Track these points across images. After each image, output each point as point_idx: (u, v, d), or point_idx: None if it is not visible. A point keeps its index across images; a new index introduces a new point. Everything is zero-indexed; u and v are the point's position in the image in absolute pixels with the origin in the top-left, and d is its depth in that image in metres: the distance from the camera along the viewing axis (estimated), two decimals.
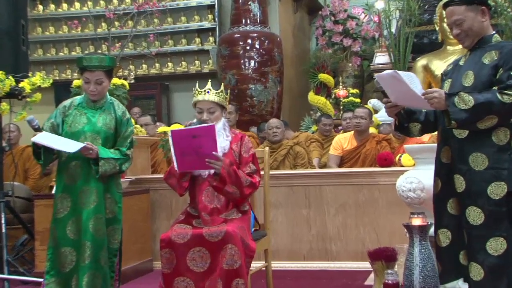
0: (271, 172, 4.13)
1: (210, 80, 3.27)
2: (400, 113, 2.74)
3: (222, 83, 3.32)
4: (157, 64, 9.08)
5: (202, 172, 3.13)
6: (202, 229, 3.01)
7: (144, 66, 9.12)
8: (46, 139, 3.16)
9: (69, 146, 3.14)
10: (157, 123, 6.60)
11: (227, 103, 3.27)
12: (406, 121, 2.77)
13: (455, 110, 2.47)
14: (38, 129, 3.25)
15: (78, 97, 3.42)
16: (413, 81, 2.53)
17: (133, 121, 5.19)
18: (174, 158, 3.01)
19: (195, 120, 3.23)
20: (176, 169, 3.05)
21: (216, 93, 3.17)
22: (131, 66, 8.71)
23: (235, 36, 7.46)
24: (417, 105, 2.68)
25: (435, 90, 2.54)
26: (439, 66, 5.99)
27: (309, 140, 6.05)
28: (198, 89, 3.19)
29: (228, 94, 3.30)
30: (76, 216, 3.21)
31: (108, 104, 3.35)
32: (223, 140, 3.15)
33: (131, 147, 3.37)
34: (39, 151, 3.23)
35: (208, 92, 3.17)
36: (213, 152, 2.98)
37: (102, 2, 9.02)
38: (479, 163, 2.53)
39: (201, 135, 2.95)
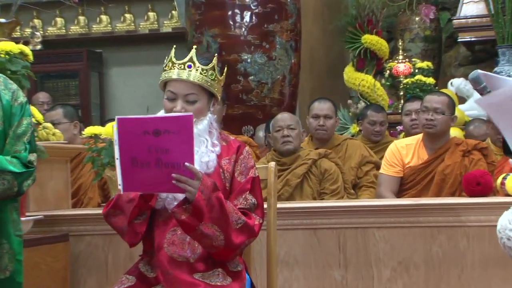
0: (280, 204, 4.13)
1: (195, 47, 3.24)
2: None
3: (216, 54, 3.29)
4: (81, 19, 9.13)
5: (168, 203, 3.13)
6: None
7: (60, 21, 9.16)
8: None
9: None
10: (80, 123, 6.59)
11: (221, 88, 3.26)
12: None
13: None
14: None
15: None
16: None
17: (39, 115, 5.25)
18: (117, 166, 2.98)
19: (159, 114, 3.20)
20: (120, 187, 3.01)
21: (203, 70, 3.16)
22: (36, 22, 8.75)
23: None
24: None
25: None
26: None
27: None
28: (173, 60, 3.17)
29: (225, 73, 3.29)
30: None
31: None
32: (206, 152, 3.15)
33: (32, 150, 3.34)
34: None
35: (189, 66, 3.15)
36: (186, 163, 2.95)
37: None
38: None
39: (168, 131, 2.92)
